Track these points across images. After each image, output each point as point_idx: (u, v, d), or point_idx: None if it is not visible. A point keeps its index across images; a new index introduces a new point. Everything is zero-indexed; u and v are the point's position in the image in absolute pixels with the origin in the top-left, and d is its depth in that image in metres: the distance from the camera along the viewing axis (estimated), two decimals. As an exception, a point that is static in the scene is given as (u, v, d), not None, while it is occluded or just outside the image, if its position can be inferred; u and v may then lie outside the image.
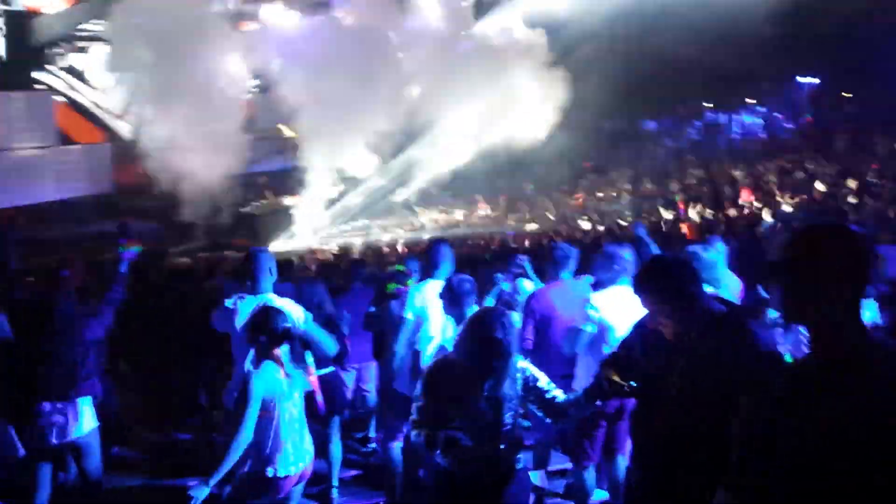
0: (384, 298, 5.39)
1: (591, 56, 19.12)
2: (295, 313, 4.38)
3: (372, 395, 6.31)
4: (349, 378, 6.13)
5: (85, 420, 4.41)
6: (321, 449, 5.29)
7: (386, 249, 14.50)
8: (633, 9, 18.86)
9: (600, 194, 20.27)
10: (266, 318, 3.77)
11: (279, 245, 15.91)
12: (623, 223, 15.45)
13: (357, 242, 15.93)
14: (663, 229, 12.97)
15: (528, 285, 5.54)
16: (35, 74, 15.59)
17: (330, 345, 4.60)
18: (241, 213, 18.19)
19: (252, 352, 3.79)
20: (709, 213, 14.80)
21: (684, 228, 13.39)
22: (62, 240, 13.62)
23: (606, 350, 4.24)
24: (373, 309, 5.54)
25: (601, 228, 15.69)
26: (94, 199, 16.25)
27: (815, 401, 1.64)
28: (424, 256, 5.31)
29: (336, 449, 5.32)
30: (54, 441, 4.33)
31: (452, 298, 4.17)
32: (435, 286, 4.71)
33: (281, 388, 3.72)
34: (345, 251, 13.67)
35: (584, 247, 7.01)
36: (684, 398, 2.66)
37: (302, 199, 18.89)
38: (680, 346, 2.75)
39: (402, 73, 18.17)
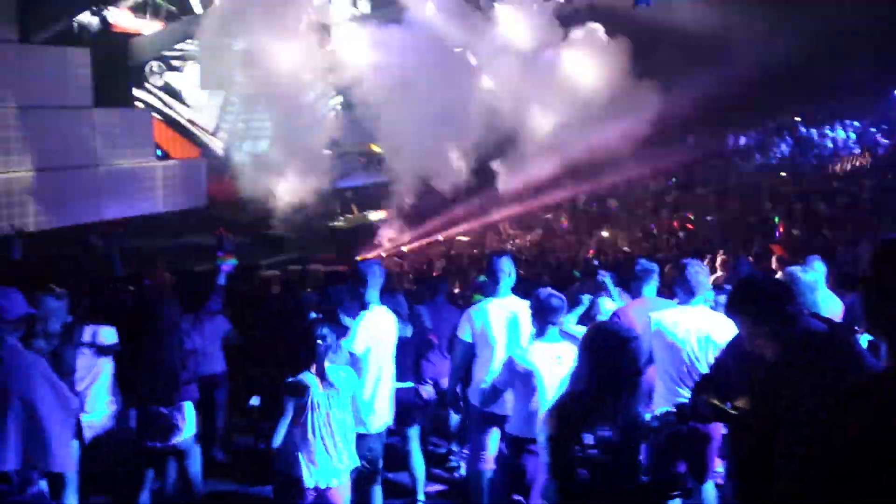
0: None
1: (676, 66, 18.76)
2: (385, 327, 4.50)
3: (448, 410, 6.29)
4: (427, 391, 6.16)
5: (186, 425, 4.58)
6: (403, 463, 5.38)
7: (466, 262, 14.53)
8: (721, 17, 18.42)
9: (685, 212, 19.79)
10: (308, 330, 3.93)
11: (364, 259, 16.12)
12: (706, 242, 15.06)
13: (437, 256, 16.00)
14: (755, 249, 12.57)
15: (608, 304, 5.46)
16: (134, 92, 16.34)
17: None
18: (328, 228, 18.58)
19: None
20: (801, 232, 14.28)
21: (778, 248, 12.94)
22: (160, 251, 14.18)
23: (679, 370, 4.18)
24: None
25: (686, 246, 15.32)
26: (189, 213, 16.90)
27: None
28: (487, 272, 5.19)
29: (418, 462, 5.34)
30: (157, 444, 4.51)
31: (540, 312, 4.09)
32: (497, 304, 4.70)
33: (314, 399, 3.82)
34: (427, 265, 13.77)
35: (667, 264, 6.87)
36: (787, 418, 2.59)
37: (386, 214, 19.17)
38: (781, 367, 2.68)
39: (486, 85, 18.28)
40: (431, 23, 17.99)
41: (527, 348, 4.07)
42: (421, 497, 5.33)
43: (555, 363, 3.87)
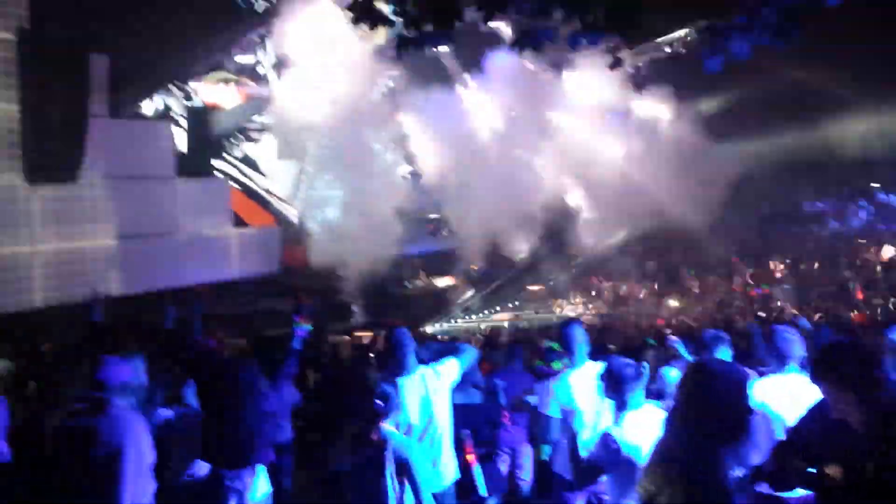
0: (540, 379, 5.38)
1: (749, 132, 18.60)
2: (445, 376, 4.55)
3: (527, 484, 6.16)
4: (502, 462, 6.08)
5: (259, 486, 4.61)
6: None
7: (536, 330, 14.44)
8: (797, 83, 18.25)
9: (759, 279, 19.30)
10: (369, 390, 4.01)
11: (432, 325, 16.22)
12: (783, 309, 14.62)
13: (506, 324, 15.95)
14: (831, 316, 12.16)
15: (674, 374, 5.34)
16: (214, 163, 17.06)
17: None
18: (396, 294, 18.78)
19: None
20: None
21: (859, 316, 12.49)
22: (236, 315, 14.58)
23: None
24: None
25: (761, 314, 14.90)
26: (263, 279, 17.35)
27: None
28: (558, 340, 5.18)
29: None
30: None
31: (613, 384, 3.96)
32: (580, 374, 4.64)
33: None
34: (496, 332, 13.72)
35: (740, 333, 6.70)
36: (876, 487, 2.48)
37: (454, 281, 19.30)
38: (868, 434, 2.58)
39: (554, 152, 18.43)
40: (499, 89, 18.35)
41: (620, 423, 3.94)
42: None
43: (649, 431, 3.79)
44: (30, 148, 12.35)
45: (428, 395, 4.53)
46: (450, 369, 4.67)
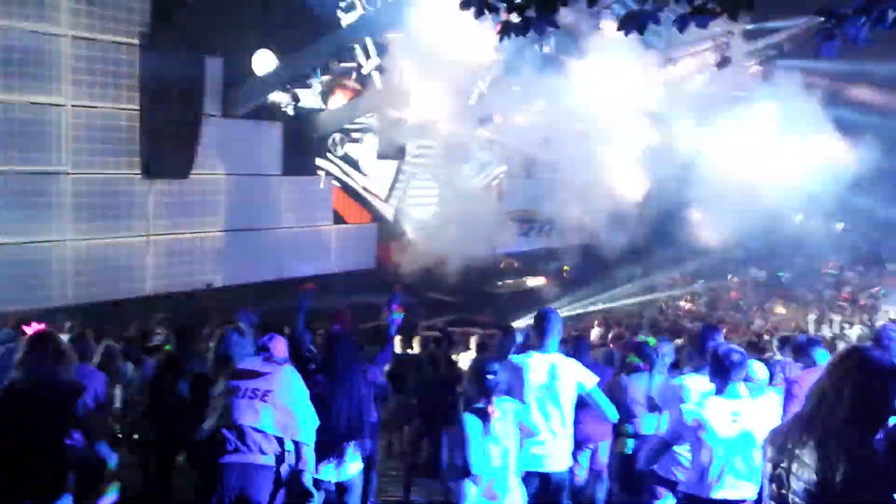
0: (625, 371, 5.36)
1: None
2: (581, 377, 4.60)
3: (602, 475, 6.12)
4: (584, 457, 6.05)
5: (353, 464, 4.80)
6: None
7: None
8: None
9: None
10: (479, 368, 4.15)
11: (522, 323, 16.20)
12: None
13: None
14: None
15: (757, 367, 5.24)
16: (317, 162, 17.63)
17: (612, 412, 4.65)
18: (487, 292, 18.90)
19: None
20: None
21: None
22: (335, 308, 15.01)
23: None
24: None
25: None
26: (359, 274, 17.82)
27: None
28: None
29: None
30: (328, 479, 4.73)
31: (719, 369, 3.93)
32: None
33: (489, 434, 3.98)
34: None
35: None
36: None
37: (545, 280, 19.25)
38: None
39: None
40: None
41: (702, 402, 3.94)
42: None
43: (730, 420, 3.76)
44: (148, 145, 13.15)
45: (551, 381, 4.57)
46: (581, 372, 4.65)
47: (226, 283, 15.16)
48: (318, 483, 4.70)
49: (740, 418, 3.75)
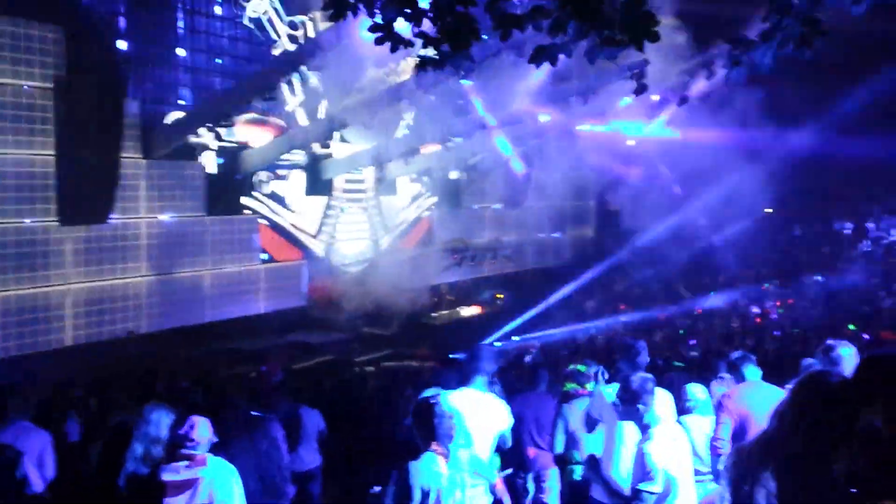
0: (566, 398, 5.37)
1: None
2: (495, 415, 4.49)
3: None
4: (530, 483, 6.04)
5: None
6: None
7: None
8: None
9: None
10: (426, 410, 3.80)
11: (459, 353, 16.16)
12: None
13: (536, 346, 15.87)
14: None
15: (696, 390, 5.39)
16: (243, 200, 17.33)
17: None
18: (422, 324, 18.83)
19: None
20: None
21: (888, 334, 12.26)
22: (264, 350, 14.72)
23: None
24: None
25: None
26: (290, 312, 17.53)
27: None
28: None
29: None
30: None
31: (629, 399, 4.03)
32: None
33: (439, 481, 3.65)
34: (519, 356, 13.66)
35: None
36: None
37: (480, 309, 19.33)
38: None
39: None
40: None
41: (649, 439, 3.95)
42: None
43: (675, 447, 3.92)
44: (64, 191, 12.69)
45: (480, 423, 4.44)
46: (502, 413, 4.57)
47: (150, 329, 14.66)
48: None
49: (675, 443, 3.90)
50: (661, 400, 4.41)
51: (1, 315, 12.37)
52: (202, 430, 3.85)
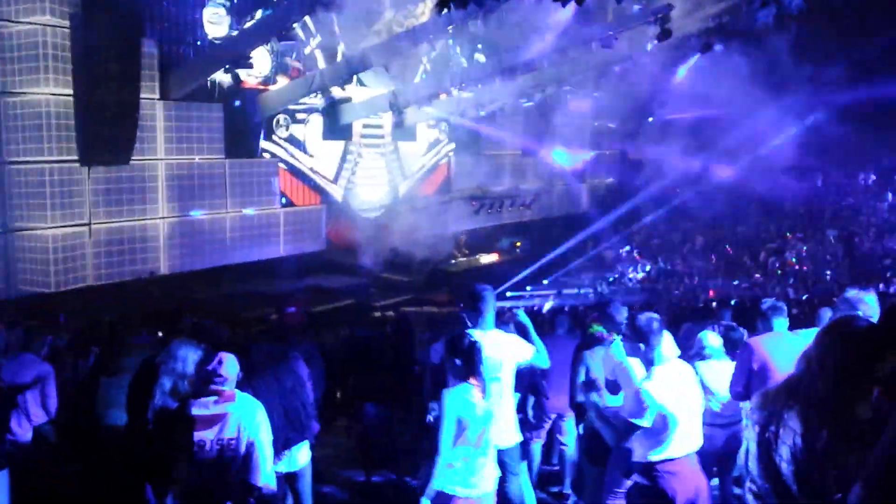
0: (588, 344, 5.37)
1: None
2: (516, 349, 4.60)
3: (570, 449, 6.19)
4: (545, 429, 6.12)
5: (300, 454, 4.74)
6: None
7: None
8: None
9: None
10: (464, 345, 3.96)
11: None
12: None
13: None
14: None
15: (711, 338, 5.40)
16: (262, 144, 17.28)
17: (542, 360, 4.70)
18: (440, 270, 18.89)
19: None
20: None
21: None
22: (283, 293, 14.86)
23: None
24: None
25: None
26: (309, 257, 17.64)
27: None
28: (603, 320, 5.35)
29: (530, 500, 5.30)
30: (277, 471, 4.63)
31: (637, 337, 4.06)
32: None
33: (473, 412, 3.85)
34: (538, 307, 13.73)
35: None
36: None
37: (497, 257, 19.33)
38: None
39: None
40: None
41: (649, 377, 3.98)
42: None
43: (677, 383, 3.92)
44: (84, 131, 12.68)
45: (500, 357, 4.56)
46: (522, 347, 4.69)
47: (171, 270, 14.82)
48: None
49: (684, 376, 3.94)
50: (668, 341, 4.47)
51: (27, 252, 12.53)
52: (230, 365, 3.90)
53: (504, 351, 4.58)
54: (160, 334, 6.91)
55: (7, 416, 4.39)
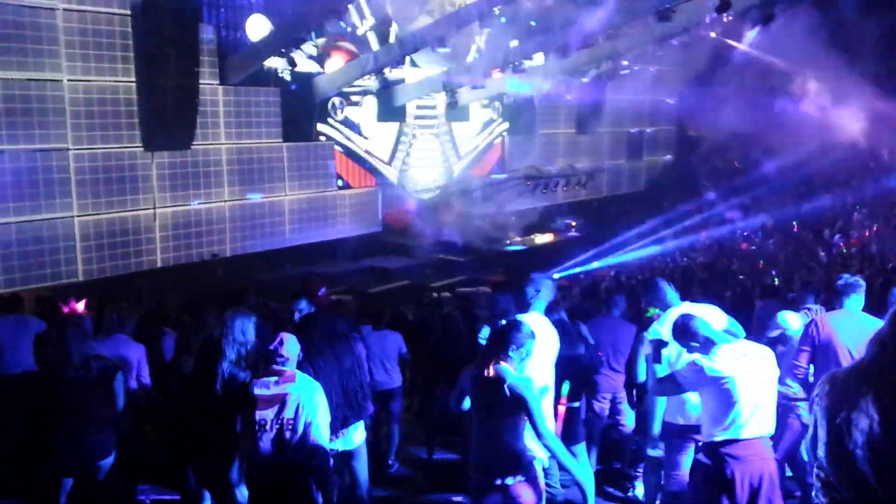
0: (645, 325, 5.32)
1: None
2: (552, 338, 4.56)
3: (628, 429, 6.14)
4: (602, 409, 6.09)
5: (356, 433, 4.78)
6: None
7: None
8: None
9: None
10: (506, 329, 3.93)
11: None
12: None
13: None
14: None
15: (790, 318, 5.28)
16: (318, 127, 17.48)
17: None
18: (495, 251, 18.89)
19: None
20: None
21: None
22: (339, 274, 15.08)
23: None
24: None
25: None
26: (366, 238, 17.84)
27: None
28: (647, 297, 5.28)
29: (589, 479, 5.31)
30: (333, 448, 4.70)
31: (680, 338, 4.04)
32: (677, 310, 4.60)
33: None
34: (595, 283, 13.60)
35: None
36: None
37: (553, 237, 19.22)
38: None
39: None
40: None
41: (713, 353, 3.91)
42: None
43: (743, 361, 3.80)
44: (147, 117, 13.02)
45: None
46: (553, 342, 4.62)
47: (233, 252, 15.18)
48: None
49: (749, 357, 3.81)
50: (715, 317, 4.43)
51: (95, 238, 12.98)
52: (291, 346, 3.99)
53: (542, 342, 4.42)
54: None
55: (113, 394, 4.58)
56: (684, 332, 3.99)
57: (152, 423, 5.51)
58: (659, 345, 4.57)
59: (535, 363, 4.28)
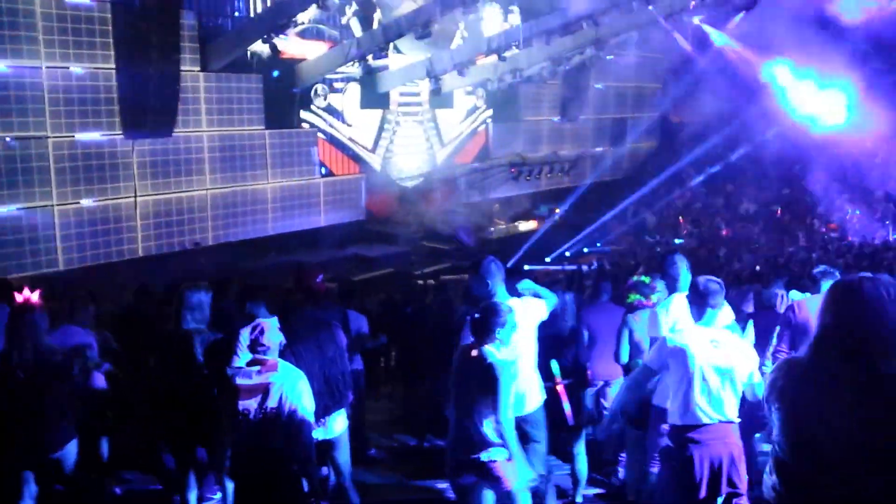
0: (628, 310, 5.36)
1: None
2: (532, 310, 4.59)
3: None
4: (589, 394, 6.11)
5: (337, 421, 4.76)
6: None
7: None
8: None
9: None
10: (485, 313, 4.01)
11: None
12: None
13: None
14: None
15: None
16: (301, 114, 17.36)
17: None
18: (481, 238, 18.90)
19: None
20: None
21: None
22: (322, 262, 15.00)
23: None
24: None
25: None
26: (349, 226, 17.77)
27: None
28: (661, 271, 5.17)
29: (582, 465, 5.35)
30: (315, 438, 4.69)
31: (699, 297, 3.92)
32: (680, 299, 4.60)
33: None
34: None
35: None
36: None
37: (536, 224, 19.25)
38: None
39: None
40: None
41: (681, 329, 3.93)
42: (579, 500, 5.32)
43: (710, 347, 3.76)
44: (127, 104, 12.86)
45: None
46: (538, 308, 4.65)
47: (215, 241, 15.08)
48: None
49: (720, 345, 3.77)
50: (726, 312, 4.39)
51: (76, 226, 12.84)
52: (272, 333, 3.93)
53: (519, 316, 4.43)
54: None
55: (65, 386, 4.54)
56: (704, 295, 3.89)
57: (115, 411, 5.45)
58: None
59: (518, 334, 4.33)
